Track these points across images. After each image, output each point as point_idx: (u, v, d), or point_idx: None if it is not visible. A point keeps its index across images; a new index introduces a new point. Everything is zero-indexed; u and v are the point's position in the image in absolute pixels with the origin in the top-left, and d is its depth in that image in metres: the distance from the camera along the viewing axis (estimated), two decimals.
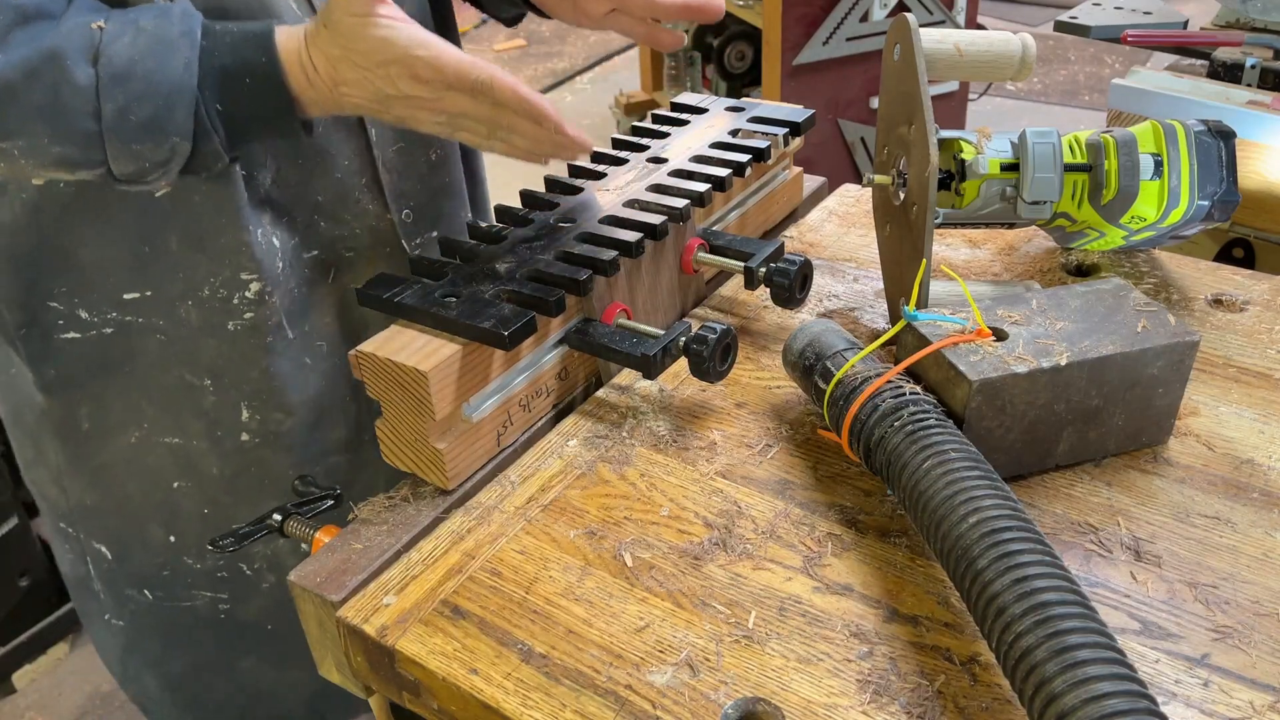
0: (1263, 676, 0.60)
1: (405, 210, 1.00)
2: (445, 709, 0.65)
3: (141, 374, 0.96)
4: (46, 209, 0.88)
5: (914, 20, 0.83)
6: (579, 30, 5.28)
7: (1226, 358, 0.87)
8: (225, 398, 0.97)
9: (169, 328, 0.93)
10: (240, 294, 0.92)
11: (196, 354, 0.95)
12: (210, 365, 0.95)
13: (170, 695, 1.18)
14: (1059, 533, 0.71)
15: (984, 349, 0.72)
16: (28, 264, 0.91)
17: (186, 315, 0.93)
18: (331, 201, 0.95)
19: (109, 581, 1.11)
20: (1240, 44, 1.51)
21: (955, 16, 2.82)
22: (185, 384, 0.96)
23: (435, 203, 1.04)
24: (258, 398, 0.97)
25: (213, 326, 0.93)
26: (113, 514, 1.05)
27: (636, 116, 3.79)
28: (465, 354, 0.74)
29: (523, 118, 0.78)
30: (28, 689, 2.06)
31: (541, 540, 0.73)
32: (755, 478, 0.77)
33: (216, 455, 0.99)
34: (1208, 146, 0.88)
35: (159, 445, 0.99)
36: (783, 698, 0.60)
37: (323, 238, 0.96)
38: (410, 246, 1.01)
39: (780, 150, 1.06)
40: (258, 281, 0.91)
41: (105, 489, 1.03)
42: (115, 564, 1.09)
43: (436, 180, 1.03)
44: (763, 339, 0.94)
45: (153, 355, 0.95)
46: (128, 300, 0.92)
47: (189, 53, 0.74)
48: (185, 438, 0.99)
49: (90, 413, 0.98)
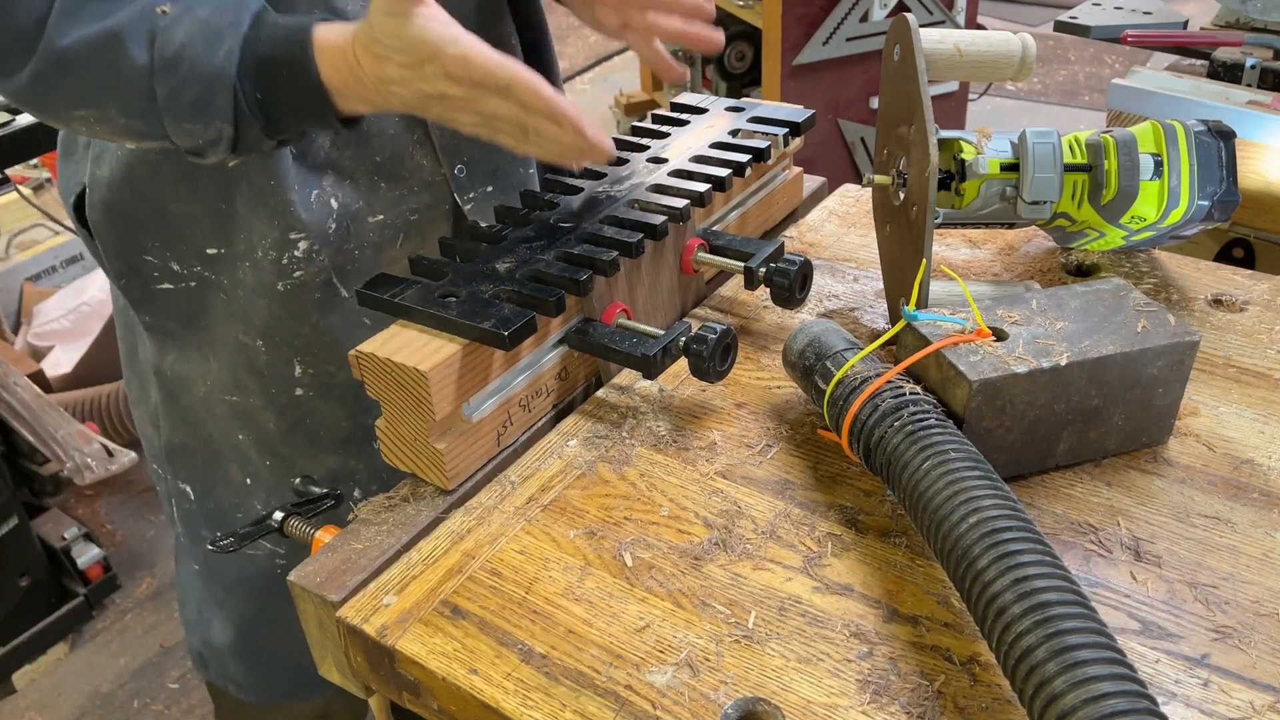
0: (1263, 676, 0.60)
1: (459, 165, 1.02)
2: (445, 709, 0.65)
3: (211, 329, 1.02)
4: (139, 167, 0.95)
5: (914, 20, 0.83)
6: (579, 30, 5.29)
7: (1226, 358, 0.87)
8: (277, 355, 1.01)
9: (230, 287, 0.99)
10: (290, 254, 0.96)
11: (250, 314, 1.00)
12: (262, 325, 1.00)
13: (230, 643, 1.23)
14: (1059, 533, 0.71)
15: (984, 349, 0.72)
16: (126, 217, 0.98)
17: (244, 275, 0.98)
18: (389, 161, 0.99)
19: (187, 522, 1.17)
20: (1240, 44, 1.51)
21: (955, 16, 2.82)
22: (240, 344, 1.01)
23: (490, 158, 1.05)
24: (309, 352, 1.02)
25: (264, 287, 0.97)
26: (199, 452, 1.11)
27: (636, 116, 3.79)
28: (465, 354, 0.74)
29: (544, 119, 0.79)
30: (28, 689, 2.05)
31: (541, 540, 0.73)
32: (755, 478, 0.77)
33: (273, 410, 1.04)
34: (1208, 146, 0.88)
35: (221, 401, 1.05)
36: (783, 698, 0.60)
37: (385, 199, 1.00)
38: (463, 200, 1.03)
39: (780, 150, 1.06)
40: (305, 240, 0.95)
41: (192, 429, 1.10)
42: (195, 503, 1.15)
43: None
44: (763, 339, 0.94)
45: (218, 312, 1.01)
46: (209, 255, 0.98)
47: (232, 42, 0.78)
48: (242, 395, 1.04)
49: (175, 361, 1.06)
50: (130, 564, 2.32)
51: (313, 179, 0.95)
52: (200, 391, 1.06)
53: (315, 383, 1.03)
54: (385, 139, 0.98)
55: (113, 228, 0.99)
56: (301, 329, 1.00)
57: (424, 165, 1.01)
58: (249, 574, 1.18)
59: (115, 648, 2.14)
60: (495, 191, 1.05)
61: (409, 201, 1.01)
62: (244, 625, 1.23)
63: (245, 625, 1.23)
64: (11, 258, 2.72)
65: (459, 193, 1.03)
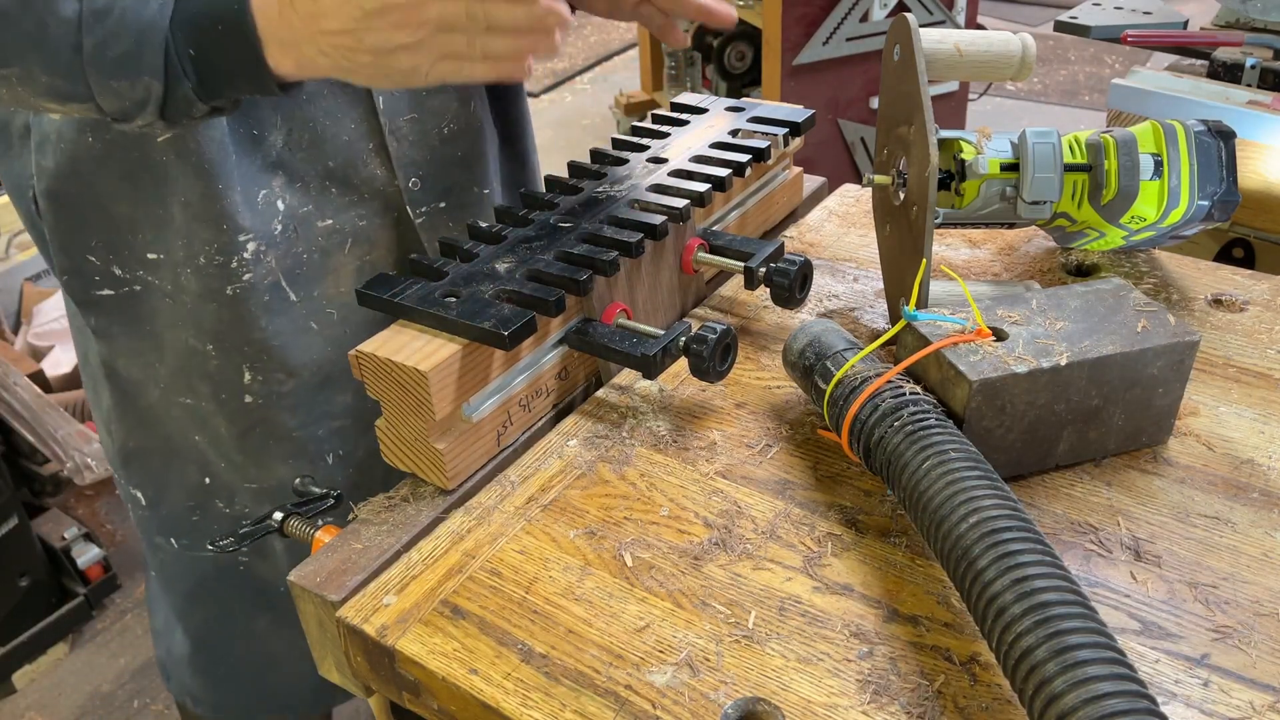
0: (1263, 676, 0.60)
1: (413, 179, 1.01)
2: (445, 709, 0.65)
3: (158, 335, 1.00)
4: (85, 161, 0.92)
5: (914, 20, 0.83)
6: (579, 30, 5.29)
7: (1226, 358, 0.87)
8: (227, 361, 1.00)
9: (175, 292, 0.97)
10: (238, 255, 0.94)
11: (200, 318, 0.98)
12: (212, 330, 0.98)
13: (190, 654, 1.21)
14: (1059, 533, 0.71)
15: (984, 349, 0.72)
16: (70, 211, 0.95)
17: (188, 282, 0.96)
18: (342, 167, 0.98)
19: (144, 529, 1.16)
20: (1240, 44, 1.51)
21: (955, 16, 2.82)
22: (190, 348, 1.00)
23: (446, 173, 1.04)
24: (259, 359, 1.00)
25: (212, 292, 0.96)
26: (154, 454, 1.10)
27: (636, 116, 3.79)
28: (465, 354, 0.74)
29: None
30: (28, 689, 2.05)
31: (541, 540, 0.73)
32: (755, 478, 0.77)
33: (224, 415, 1.03)
34: (1208, 146, 0.88)
35: (175, 404, 1.04)
36: (783, 698, 0.60)
37: (336, 204, 0.99)
38: (415, 214, 1.02)
39: (780, 150, 1.06)
40: (253, 242, 0.94)
41: (147, 432, 1.08)
42: (148, 510, 1.13)
43: (449, 151, 1.04)
44: (763, 339, 0.94)
45: (165, 317, 0.99)
46: (150, 260, 0.96)
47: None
48: (195, 399, 1.03)
49: (126, 364, 1.04)
50: (130, 564, 2.32)
51: (262, 179, 0.94)
52: (155, 394, 1.05)
53: (264, 391, 1.02)
54: (339, 144, 0.97)
55: (58, 221, 0.96)
56: (252, 334, 0.98)
57: (377, 174, 1.00)
58: (209, 577, 1.15)
59: (115, 648, 2.14)
60: (447, 208, 1.04)
61: (359, 209, 1.00)
62: (202, 636, 1.20)
63: (203, 636, 1.20)
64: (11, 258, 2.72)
65: (411, 206, 1.02)
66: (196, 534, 1.12)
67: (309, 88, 0.93)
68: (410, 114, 0.99)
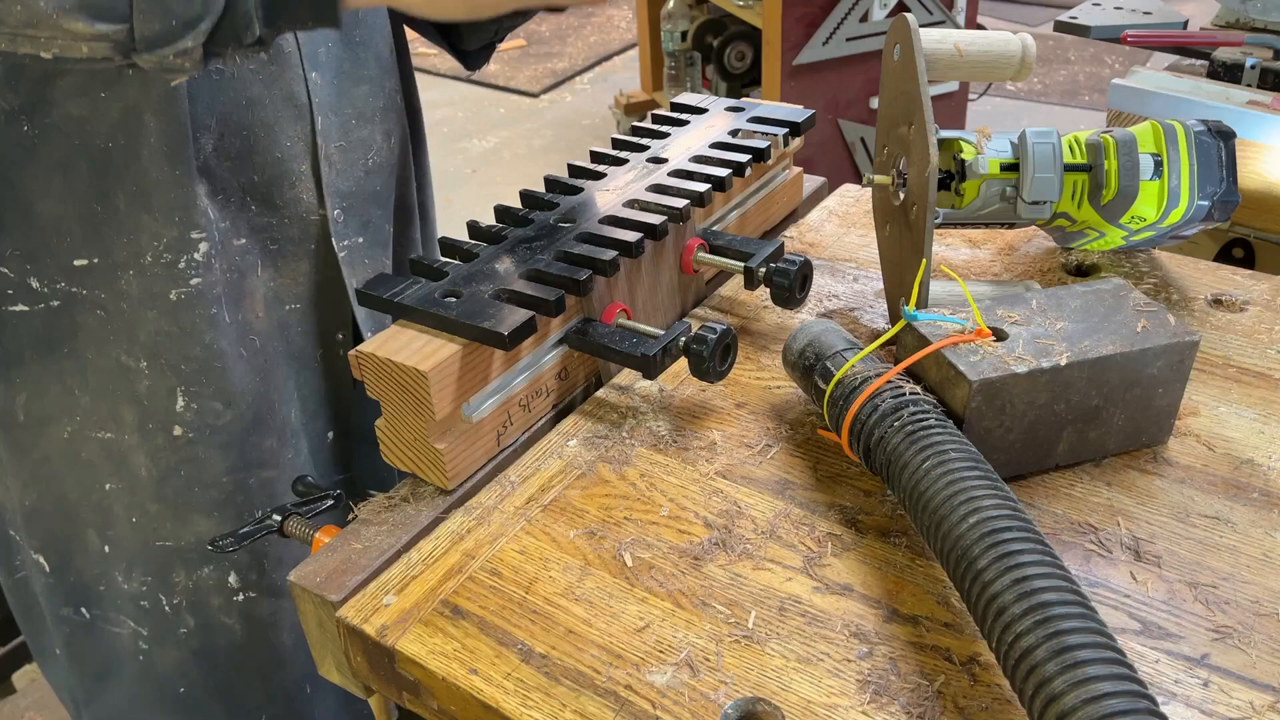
0: (1263, 676, 0.60)
1: (338, 209, 0.98)
2: (445, 709, 0.65)
3: (79, 355, 0.92)
4: (9, 152, 0.84)
5: (914, 20, 0.83)
6: (579, 30, 5.29)
7: (1226, 358, 0.87)
8: (160, 381, 0.92)
9: (109, 301, 0.90)
10: (189, 255, 0.88)
11: (135, 329, 0.91)
12: (148, 343, 0.91)
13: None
14: (1059, 533, 0.71)
15: (984, 349, 0.72)
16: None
17: (128, 286, 0.89)
18: (266, 184, 0.92)
19: (48, 598, 1.05)
20: (1240, 44, 1.51)
21: (955, 16, 2.82)
22: (120, 367, 0.92)
23: (365, 208, 1.01)
24: (195, 381, 0.93)
25: (154, 297, 0.89)
26: (52, 516, 1.00)
27: (636, 116, 3.79)
28: (465, 354, 0.74)
29: None
30: (28, 689, 2.05)
31: (541, 540, 0.73)
32: (755, 478, 0.77)
33: (147, 451, 0.95)
34: (1208, 146, 0.88)
35: (91, 440, 0.95)
36: (783, 698, 0.60)
37: (252, 224, 0.93)
38: (339, 247, 0.98)
39: (780, 150, 1.06)
40: (206, 242, 0.88)
41: (44, 487, 0.99)
42: (52, 576, 1.03)
43: (370, 185, 1.01)
44: (763, 339, 0.94)
45: (92, 333, 0.91)
46: (77, 268, 0.88)
47: None
48: (117, 431, 0.94)
49: (27, 401, 0.95)
50: None
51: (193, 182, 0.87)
52: (64, 434, 0.95)
53: (197, 422, 0.94)
54: (270, 159, 0.91)
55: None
56: (192, 349, 0.91)
57: (301, 199, 0.95)
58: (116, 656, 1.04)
59: None
60: (365, 244, 1.01)
61: (273, 232, 0.94)
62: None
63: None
64: None
65: (336, 238, 0.98)
66: (104, 603, 1.03)
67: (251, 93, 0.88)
68: (340, 140, 0.96)
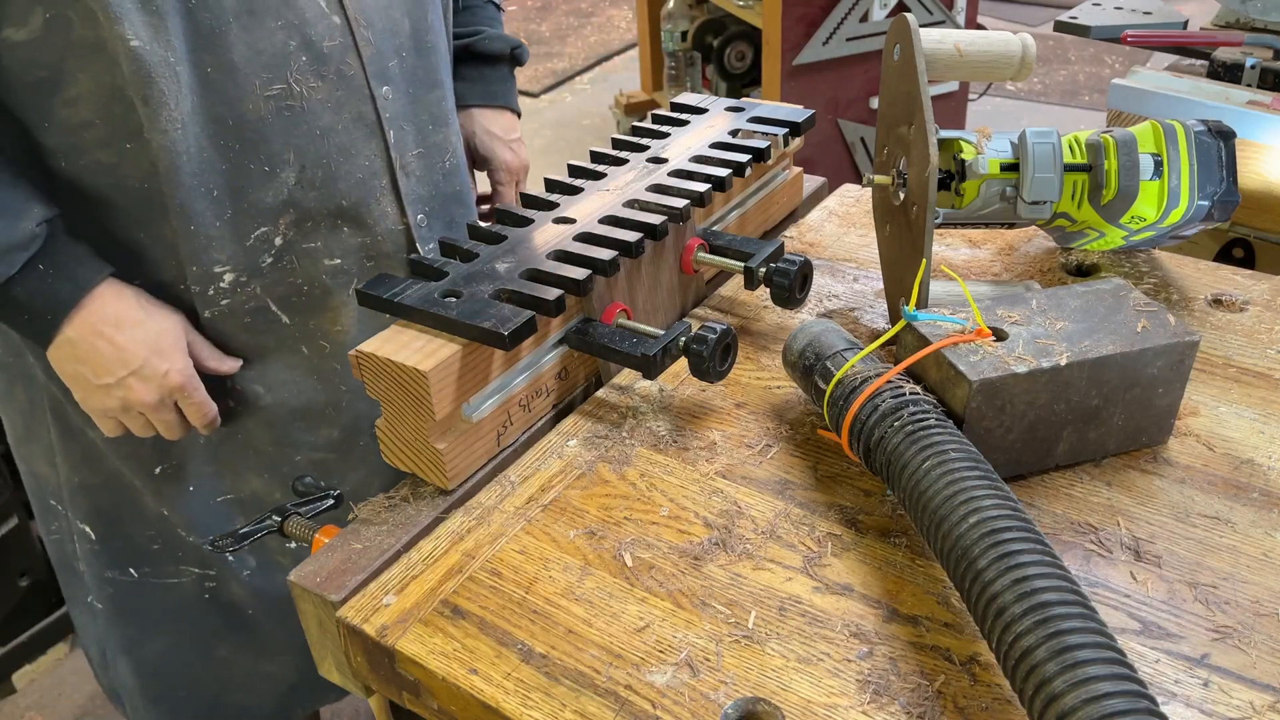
0: (1263, 676, 0.60)
1: (420, 214, 1.03)
2: (445, 709, 0.65)
3: None
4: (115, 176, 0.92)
5: (914, 20, 0.83)
6: (579, 30, 5.29)
7: (1226, 358, 0.87)
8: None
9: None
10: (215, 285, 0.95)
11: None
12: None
13: (143, 683, 1.18)
14: (1059, 533, 0.71)
15: (984, 349, 0.72)
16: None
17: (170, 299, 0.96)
18: (355, 205, 0.98)
19: (90, 562, 1.13)
20: (1240, 44, 1.51)
21: (955, 16, 2.82)
22: None
23: (447, 209, 1.07)
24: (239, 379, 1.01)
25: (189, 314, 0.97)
26: (103, 490, 1.07)
27: (636, 116, 3.79)
28: (465, 354, 0.74)
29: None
30: (28, 689, 2.05)
31: (541, 540, 0.73)
32: (755, 478, 0.77)
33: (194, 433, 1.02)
34: (1208, 146, 0.88)
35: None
36: (783, 698, 0.60)
37: (345, 245, 0.99)
38: (423, 249, 1.03)
39: (780, 150, 1.06)
40: (231, 273, 0.95)
41: (95, 466, 1.06)
42: (99, 543, 1.10)
43: (449, 186, 1.06)
44: (763, 339, 0.94)
45: None
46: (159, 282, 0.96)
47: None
48: None
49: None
50: None
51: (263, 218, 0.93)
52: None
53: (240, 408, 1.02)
54: (352, 183, 0.97)
55: None
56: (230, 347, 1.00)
57: (388, 212, 1.01)
58: (169, 605, 1.13)
59: None
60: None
61: (369, 249, 1.01)
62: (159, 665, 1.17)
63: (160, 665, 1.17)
64: None
65: (420, 243, 1.03)
66: (160, 560, 1.10)
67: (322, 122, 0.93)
68: (417, 149, 1.01)
